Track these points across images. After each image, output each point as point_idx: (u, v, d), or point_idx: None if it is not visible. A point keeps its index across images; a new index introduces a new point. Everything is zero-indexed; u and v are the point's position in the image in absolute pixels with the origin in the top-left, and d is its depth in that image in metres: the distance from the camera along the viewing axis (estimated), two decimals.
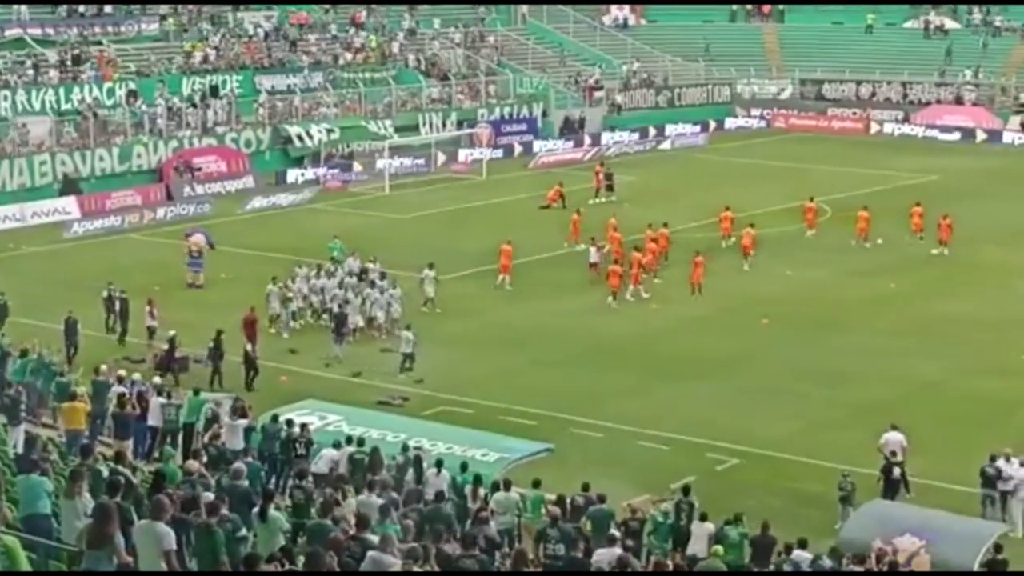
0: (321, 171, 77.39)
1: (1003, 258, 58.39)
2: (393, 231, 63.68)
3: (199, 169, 74.43)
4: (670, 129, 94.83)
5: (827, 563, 25.75)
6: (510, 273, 54.01)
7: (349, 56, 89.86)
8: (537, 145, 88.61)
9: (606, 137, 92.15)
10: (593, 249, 55.28)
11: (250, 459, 29.37)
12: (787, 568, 25.38)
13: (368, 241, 57.61)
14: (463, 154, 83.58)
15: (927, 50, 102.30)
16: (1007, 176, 78.49)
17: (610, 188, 72.09)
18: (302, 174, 77.32)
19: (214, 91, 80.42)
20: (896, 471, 33.38)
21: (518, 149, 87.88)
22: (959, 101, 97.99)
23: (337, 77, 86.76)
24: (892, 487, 33.21)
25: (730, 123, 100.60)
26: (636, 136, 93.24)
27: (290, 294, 48.65)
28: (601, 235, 56.84)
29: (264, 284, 48.70)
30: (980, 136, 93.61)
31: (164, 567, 16.36)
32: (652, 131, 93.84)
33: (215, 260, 55.46)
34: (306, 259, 53.03)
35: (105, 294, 47.71)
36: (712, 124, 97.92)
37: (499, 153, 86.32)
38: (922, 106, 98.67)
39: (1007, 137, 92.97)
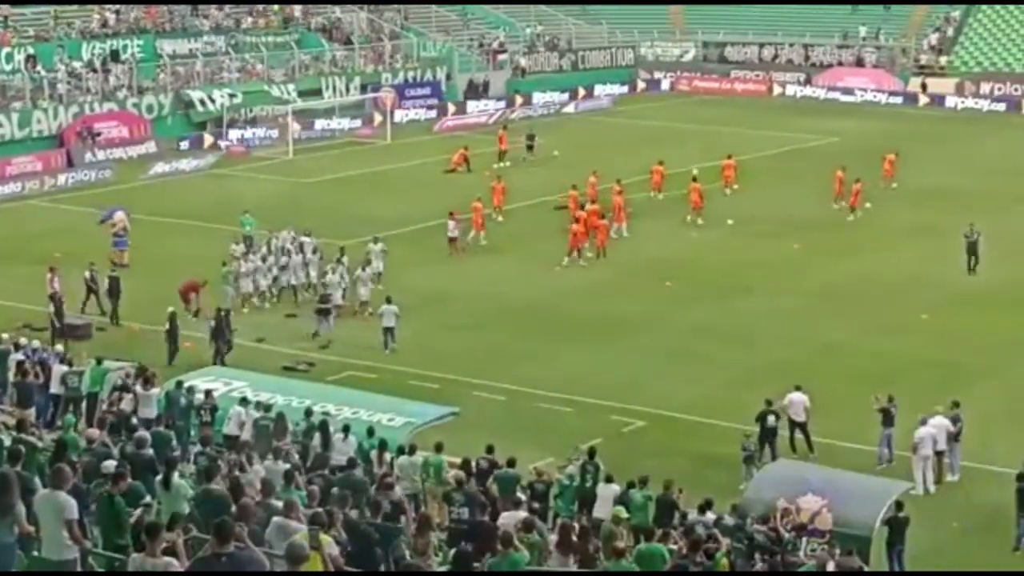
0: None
1: (902, 218, 58.94)
2: (301, 197, 62.95)
3: (99, 134, 73.59)
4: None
5: (729, 521, 26.07)
6: (482, 228, 54.70)
7: (251, 20, 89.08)
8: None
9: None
10: (451, 223, 53.79)
11: (162, 428, 29.16)
12: (699, 530, 25.58)
13: (278, 209, 57.00)
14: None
15: (829, 13, 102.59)
16: (904, 137, 79.01)
17: (530, 148, 72.91)
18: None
19: (115, 56, 79.37)
20: (771, 419, 33.83)
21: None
22: (860, 63, 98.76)
23: (239, 41, 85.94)
24: (767, 435, 33.65)
25: (635, 86, 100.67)
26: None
27: (243, 272, 46.74)
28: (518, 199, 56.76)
29: (168, 250, 48.06)
30: (880, 98, 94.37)
31: (66, 536, 16.25)
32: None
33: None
34: (211, 224, 52.53)
35: (87, 274, 45.80)
36: (617, 87, 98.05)
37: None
38: (824, 68, 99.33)
39: (907, 99, 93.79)
